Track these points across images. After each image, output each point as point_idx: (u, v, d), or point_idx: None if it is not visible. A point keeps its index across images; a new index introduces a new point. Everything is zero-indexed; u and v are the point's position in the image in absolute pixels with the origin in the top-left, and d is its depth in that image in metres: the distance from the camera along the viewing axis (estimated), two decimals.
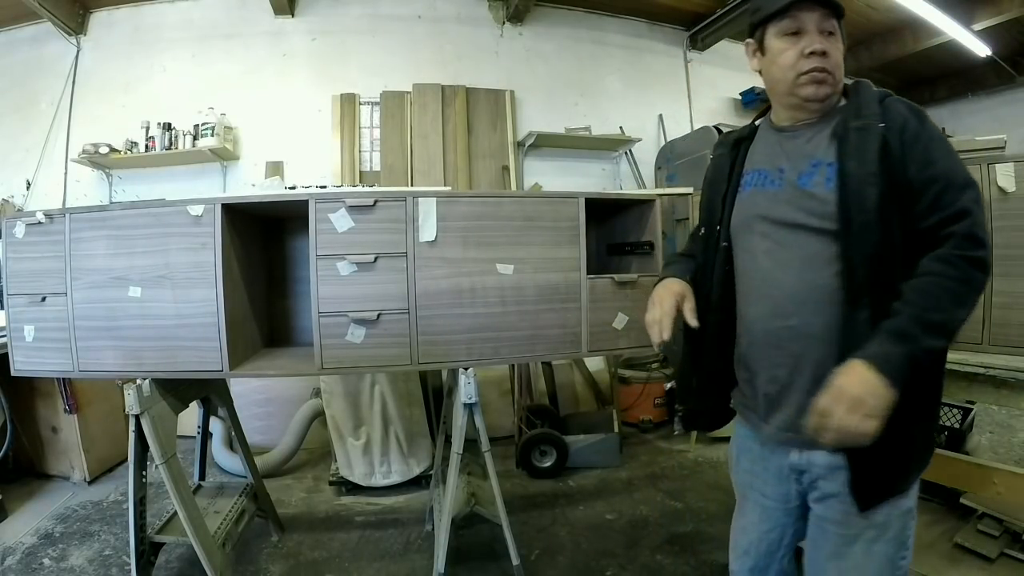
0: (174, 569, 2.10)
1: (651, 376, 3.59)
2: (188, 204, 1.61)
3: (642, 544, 2.28)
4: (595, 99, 4.58)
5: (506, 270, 1.72)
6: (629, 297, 1.84)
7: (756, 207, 1.12)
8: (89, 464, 2.82)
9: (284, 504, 2.64)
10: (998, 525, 1.84)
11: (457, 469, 1.81)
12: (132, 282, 1.62)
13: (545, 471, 2.93)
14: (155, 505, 2.28)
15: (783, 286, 1.06)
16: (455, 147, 4.12)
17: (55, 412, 2.79)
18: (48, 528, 2.41)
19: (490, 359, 1.77)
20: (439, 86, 4.16)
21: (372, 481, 2.77)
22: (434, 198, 1.67)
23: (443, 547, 1.81)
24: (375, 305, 1.64)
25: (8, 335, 1.70)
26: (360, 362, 1.67)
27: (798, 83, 1.05)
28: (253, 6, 4.04)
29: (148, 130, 3.75)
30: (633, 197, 2.13)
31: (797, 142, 1.10)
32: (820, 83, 1.04)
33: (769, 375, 1.10)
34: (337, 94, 4.08)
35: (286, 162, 4.03)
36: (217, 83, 3.99)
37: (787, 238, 1.06)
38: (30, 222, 1.65)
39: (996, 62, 4.96)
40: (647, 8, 4.60)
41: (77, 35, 3.94)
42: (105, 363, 1.66)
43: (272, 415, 3.27)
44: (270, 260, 2.11)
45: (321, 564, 2.17)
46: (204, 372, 1.67)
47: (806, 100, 1.06)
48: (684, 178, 4.04)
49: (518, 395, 3.30)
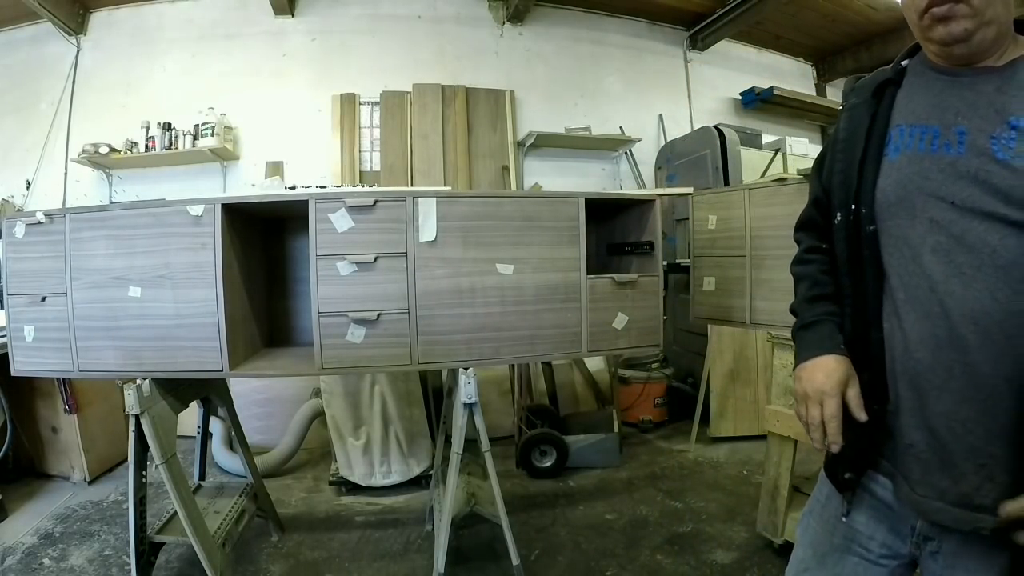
0: (174, 569, 2.10)
1: (651, 376, 3.59)
2: (188, 204, 1.60)
3: (642, 544, 2.28)
4: (595, 99, 4.58)
5: (506, 270, 1.72)
6: (629, 297, 1.84)
7: (921, 180, 0.79)
8: (89, 464, 2.82)
9: (284, 504, 2.64)
10: None
11: (457, 469, 1.81)
12: (132, 282, 1.61)
13: (545, 471, 2.93)
14: (155, 505, 2.28)
15: (962, 304, 0.74)
16: (455, 147, 4.12)
17: (55, 412, 2.79)
18: (48, 528, 2.41)
19: (490, 359, 1.76)
20: (439, 86, 4.16)
21: (372, 481, 2.77)
22: (434, 198, 1.67)
23: (443, 547, 1.81)
24: (375, 305, 1.64)
25: (8, 335, 1.70)
26: (360, 362, 1.66)
27: (923, 27, 0.79)
28: (253, 6, 4.04)
29: (148, 130, 3.75)
30: (633, 197, 2.13)
31: (984, 89, 0.77)
32: (947, 19, 0.76)
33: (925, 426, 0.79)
34: (337, 94, 4.09)
35: (286, 162, 4.04)
36: (217, 83, 3.99)
37: (971, 232, 0.74)
38: (30, 222, 1.65)
39: None
40: (647, 8, 4.60)
41: (77, 35, 3.94)
42: (105, 363, 1.66)
43: (272, 415, 3.27)
44: (270, 260, 2.11)
45: (321, 564, 2.17)
46: (204, 372, 1.67)
47: (944, 46, 0.78)
48: (684, 178, 4.05)
49: (518, 395, 3.30)
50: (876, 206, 0.84)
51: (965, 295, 0.74)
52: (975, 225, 0.73)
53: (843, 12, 4.57)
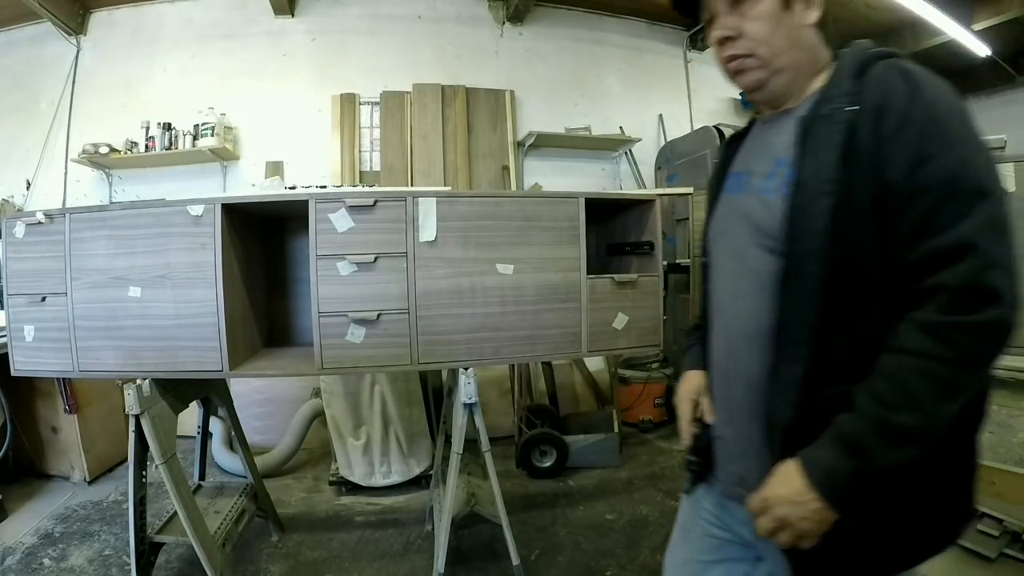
0: (174, 569, 2.10)
1: (651, 376, 3.59)
2: (188, 204, 1.61)
3: (642, 544, 2.28)
4: (595, 99, 4.58)
5: (506, 270, 1.72)
6: (629, 297, 1.84)
7: (723, 219, 0.95)
8: (89, 464, 2.82)
9: (284, 504, 2.64)
10: (998, 525, 1.84)
11: (457, 469, 1.81)
12: (132, 282, 1.62)
13: (545, 471, 2.93)
14: (155, 505, 2.28)
15: (736, 321, 0.88)
16: (455, 147, 4.12)
17: (55, 412, 2.79)
18: (48, 528, 2.41)
19: (490, 359, 1.76)
20: (439, 86, 4.16)
21: (372, 481, 2.77)
22: (434, 198, 1.67)
23: (443, 547, 1.82)
24: (375, 305, 1.64)
25: (8, 335, 1.70)
26: (360, 362, 1.66)
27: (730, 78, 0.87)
28: (253, 6, 4.04)
29: (148, 130, 3.75)
30: (633, 197, 2.13)
31: (768, 134, 0.89)
32: (740, 72, 0.84)
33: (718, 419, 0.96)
34: (337, 94, 4.08)
35: (286, 162, 4.03)
36: (217, 83, 3.99)
37: (743, 259, 0.86)
38: (30, 222, 1.65)
39: (996, 62, 4.96)
40: (647, 8, 4.59)
41: (77, 35, 3.94)
42: (105, 363, 1.66)
43: (272, 415, 3.27)
44: (270, 260, 2.11)
45: (321, 564, 2.17)
46: (204, 372, 1.67)
47: (749, 94, 0.88)
48: (684, 178, 4.05)
49: (518, 395, 3.29)
50: (706, 243, 1.01)
51: (739, 313, 0.87)
52: (750, 254, 0.85)
53: (843, 12, 4.57)
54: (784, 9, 0.80)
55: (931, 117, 0.69)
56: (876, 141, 0.70)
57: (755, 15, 0.80)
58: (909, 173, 0.68)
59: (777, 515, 0.72)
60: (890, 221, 0.70)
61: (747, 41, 0.81)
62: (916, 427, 0.66)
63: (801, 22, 0.82)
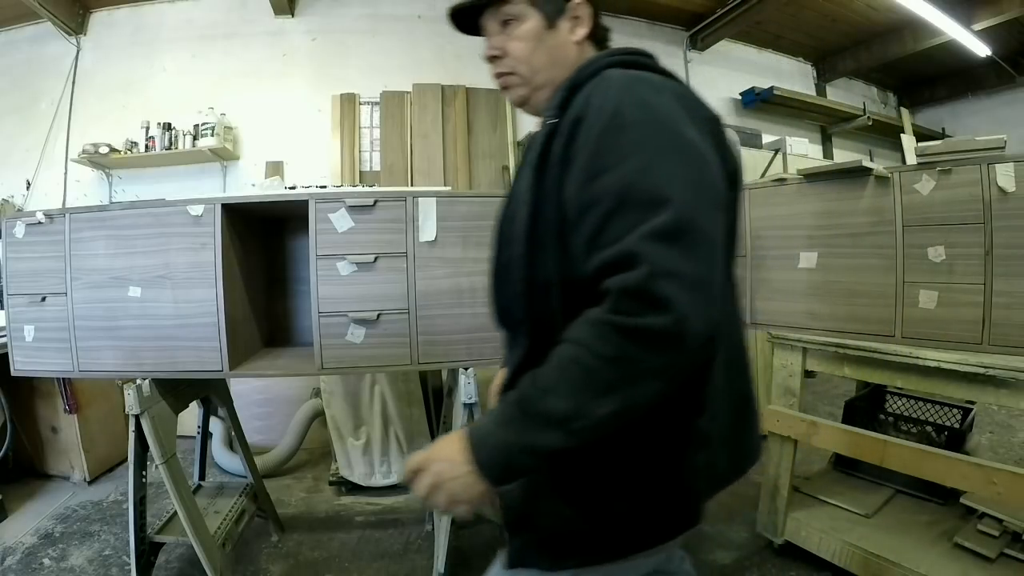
0: (174, 569, 2.10)
1: None
2: (188, 204, 1.61)
3: None
4: None
5: None
6: None
7: None
8: (89, 464, 2.82)
9: (284, 504, 2.64)
10: (998, 525, 1.84)
11: None
12: (132, 282, 1.62)
13: None
14: (155, 505, 2.28)
15: None
16: (455, 147, 4.12)
17: (55, 412, 2.79)
18: (48, 528, 2.41)
19: (490, 359, 1.76)
20: (439, 86, 4.16)
21: (372, 481, 2.77)
22: (434, 198, 1.67)
23: (443, 547, 1.82)
24: (375, 305, 1.64)
25: (8, 335, 1.70)
26: (360, 362, 1.66)
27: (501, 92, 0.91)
28: (253, 6, 4.04)
29: (148, 130, 3.76)
30: None
31: None
32: (506, 88, 0.89)
33: None
34: (337, 94, 4.08)
35: (286, 162, 4.04)
36: (217, 83, 3.99)
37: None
38: (30, 222, 1.65)
39: (996, 62, 4.97)
40: (647, 8, 4.60)
41: (77, 35, 3.95)
42: (105, 363, 1.66)
43: (272, 415, 3.27)
44: (270, 260, 2.11)
45: (321, 564, 2.17)
46: (204, 372, 1.67)
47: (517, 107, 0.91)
48: None
49: None
50: None
51: None
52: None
53: (843, 12, 4.57)
54: (548, 29, 0.85)
55: (617, 127, 0.68)
56: (565, 155, 0.71)
57: (518, 35, 0.84)
58: (583, 187, 0.68)
59: (432, 471, 0.71)
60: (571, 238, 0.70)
61: (510, 60, 0.85)
62: (561, 413, 0.64)
63: (567, 40, 0.86)
